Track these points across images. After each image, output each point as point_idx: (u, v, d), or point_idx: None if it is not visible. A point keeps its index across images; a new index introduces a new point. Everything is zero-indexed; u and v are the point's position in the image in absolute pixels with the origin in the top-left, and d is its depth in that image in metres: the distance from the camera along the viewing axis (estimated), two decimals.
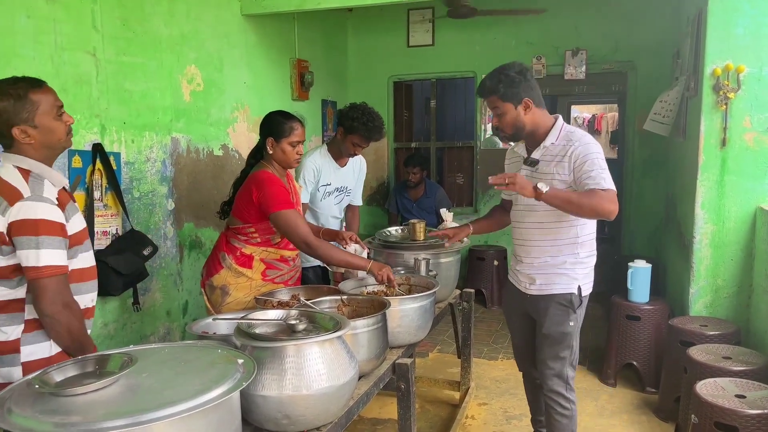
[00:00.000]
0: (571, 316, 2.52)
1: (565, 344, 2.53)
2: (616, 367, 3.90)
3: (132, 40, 3.24)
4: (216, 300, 2.71)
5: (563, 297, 2.52)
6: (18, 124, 1.77)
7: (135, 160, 3.30)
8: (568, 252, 2.51)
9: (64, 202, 1.86)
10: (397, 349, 2.42)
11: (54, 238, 1.76)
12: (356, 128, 3.33)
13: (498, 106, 2.46)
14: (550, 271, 2.54)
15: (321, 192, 3.48)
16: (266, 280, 2.71)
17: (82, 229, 1.93)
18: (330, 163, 3.50)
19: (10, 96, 1.76)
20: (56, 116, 1.84)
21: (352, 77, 6.35)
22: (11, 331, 1.82)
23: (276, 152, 2.67)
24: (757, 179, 3.45)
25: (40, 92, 1.80)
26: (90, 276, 1.98)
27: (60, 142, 1.87)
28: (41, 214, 1.74)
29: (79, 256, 1.91)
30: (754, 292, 3.45)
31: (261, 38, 4.55)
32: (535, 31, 5.60)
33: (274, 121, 2.70)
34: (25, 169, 1.81)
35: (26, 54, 2.64)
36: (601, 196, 2.26)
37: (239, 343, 1.66)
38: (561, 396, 2.57)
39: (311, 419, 1.66)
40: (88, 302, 1.98)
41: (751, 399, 2.47)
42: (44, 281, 1.75)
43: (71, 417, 1.17)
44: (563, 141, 2.46)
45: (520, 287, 2.66)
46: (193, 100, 3.76)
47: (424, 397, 3.79)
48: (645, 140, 5.46)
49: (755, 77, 3.38)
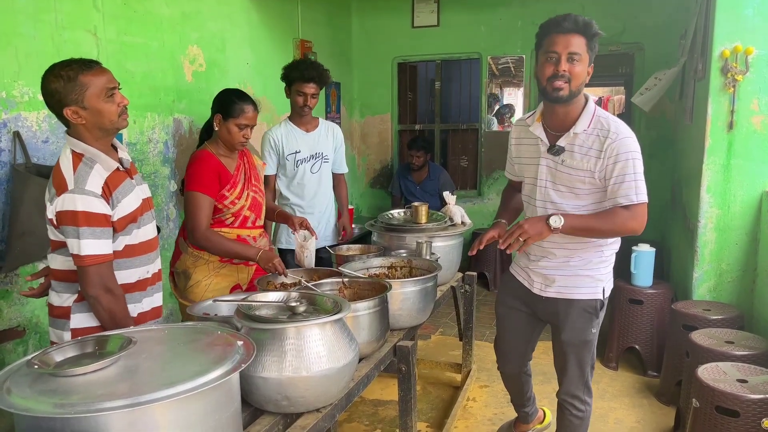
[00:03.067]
0: (594, 323, 2.33)
1: (586, 350, 2.37)
2: (618, 350, 3.90)
3: (133, 20, 3.21)
4: (181, 285, 2.70)
5: (588, 304, 2.31)
6: (69, 105, 1.83)
7: (137, 141, 3.29)
8: (594, 251, 2.28)
9: (117, 184, 1.92)
10: (399, 331, 2.42)
11: (94, 228, 1.83)
12: (291, 75, 3.32)
13: (580, 51, 2.06)
14: (572, 273, 2.30)
15: (291, 161, 3.42)
16: (224, 261, 2.66)
17: (138, 207, 1.99)
18: (293, 130, 3.45)
19: (61, 78, 1.81)
20: (106, 98, 1.87)
21: (356, 58, 6.29)
22: (65, 298, 1.96)
23: (221, 130, 2.59)
24: (763, 163, 3.42)
25: (90, 74, 1.84)
26: (141, 251, 2.04)
27: (112, 123, 1.91)
28: (81, 206, 1.81)
29: (133, 233, 1.99)
30: (759, 276, 3.43)
31: (264, 18, 4.51)
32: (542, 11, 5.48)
33: (225, 99, 2.62)
34: (79, 153, 1.88)
35: (26, 33, 2.62)
36: (625, 217, 2.08)
37: (239, 325, 1.66)
38: (578, 399, 2.44)
39: (311, 401, 1.66)
40: (144, 273, 2.07)
41: (753, 383, 2.47)
42: (86, 268, 1.85)
43: (70, 397, 1.17)
44: (596, 129, 2.15)
45: (531, 288, 2.42)
46: (195, 81, 3.73)
47: (425, 379, 3.81)
48: (651, 123, 5.41)
49: (764, 59, 3.33)
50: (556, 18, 2.10)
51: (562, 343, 2.38)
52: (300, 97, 3.35)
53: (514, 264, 2.58)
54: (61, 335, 1.98)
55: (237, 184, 2.63)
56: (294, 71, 3.32)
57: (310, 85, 3.32)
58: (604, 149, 2.11)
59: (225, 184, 2.58)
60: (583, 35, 2.07)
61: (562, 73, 2.06)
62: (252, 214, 2.70)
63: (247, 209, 2.67)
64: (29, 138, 2.62)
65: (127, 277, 2.01)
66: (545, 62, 2.11)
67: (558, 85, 2.08)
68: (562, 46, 2.06)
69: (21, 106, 2.60)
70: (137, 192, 2.02)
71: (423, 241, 2.86)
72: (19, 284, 2.61)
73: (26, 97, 2.61)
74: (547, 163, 2.25)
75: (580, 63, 2.07)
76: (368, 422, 3.30)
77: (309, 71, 3.30)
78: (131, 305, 2.04)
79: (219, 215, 2.61)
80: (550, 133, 2.25)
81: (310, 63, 3.37)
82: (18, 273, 2.61)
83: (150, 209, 2.10)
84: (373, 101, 6.40)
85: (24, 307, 2.66)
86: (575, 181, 2.19)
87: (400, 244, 3.09)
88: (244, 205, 2.65)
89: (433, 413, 3.41)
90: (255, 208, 2.72)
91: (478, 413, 3.38)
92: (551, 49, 2.09)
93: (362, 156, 6.58)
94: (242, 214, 2.66)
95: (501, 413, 3.34)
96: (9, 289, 2.59)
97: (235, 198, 2.62)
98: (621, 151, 2.10)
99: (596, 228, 2.11)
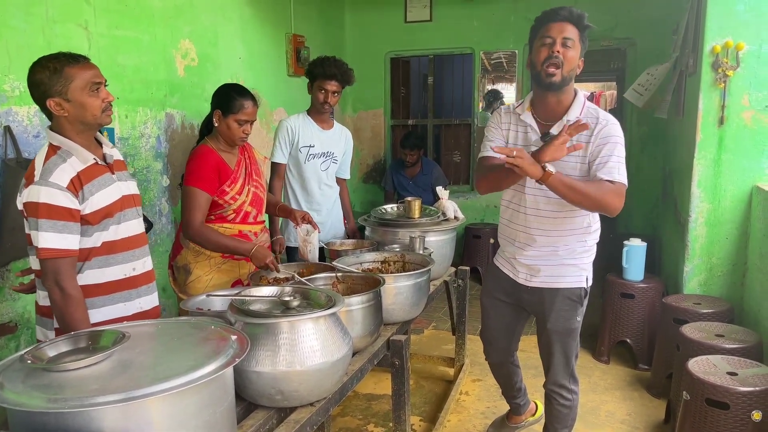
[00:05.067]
0: (578, 311, 2.40)
1: (571, 338, 2.43)
2: (609, 344, 3.93)
3: (124, 13, 3.19)
4: (181, 279, 2.70)
5: (573, 292, 2.37)
6: (53, 96, 1.83)
7: (129, 135, 3.27)
8: (578, 240, 2.34)
9: (90, 178, 1.90)
10: (392, 325, 2.43)
11: (55, 222, 1.81)
12: (314, 71, 3.29)
13: (574, 38, 2.16)
14: (557, 262, 2.36)
15: (303, 153, 3.39)
16: (225, 257, 2.66)
17: (114, 202, 1.96)
18: (311, 125, 3.41)
19: (47, 69, 1.82)
20: (90, 92, 1.87)
21: (349, 53, 6.27)
22: (45, 297, 1.92)
23: (221, 126, 2.58)
24: (753, 158, 3.44)
25: (76, 67, 1.85)
26: (123, 247, 2.01)
27: (95, 118, 1.90)
28: (44, 198, 1.80)
29: (110, 229, 1.96)
30: (748, 270, 3.46)
31: (256, 12, 4.49)
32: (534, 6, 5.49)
33: (225, 95, 2.60)
34: (56, 146, 1.88)
35: (17, 26, 2.60)
36: (609, 189, 2.10)
37: (233, 320, 1.66)
38: (565, 388, 2.50)
39: (305, 395, 1.67)
40: (129, 271, 2.04)
41: (743, 376, 2.49)
42: (43, 262, 1.83)
43: (63, 392, 1.16)
44: (587, 117, 2.22)
45: (516, 278, 2.47)
46: (187, 75, 3.72)
47: (419, 373, 3.83)
48: (643, 118, 5.43)
49: (755, 55, 3.34)
50: (553, 8, 2.20)
51: (548, 332, 2.43)
52: (321, 93, 3.31)
53: (499, 255, 2.62)
54: (46, 334, 1.97)
55: (237, 179, 2.62)
56: (317, 67, 3.29)
57: (332, 82, 3.29)
58: (595, 134, 2.19)
59: (225, 179, 2.57)
60: (576, 26, 2.17)
61: (556, 55, 2.14)
62: (253, 209, 2.70)
63: (248, 205, 2.66)
64: (20, 133, 2.60)
65: (110, 274, 1.99)
66: (540, 47, 2.20)
67: (551, 71, 2.16)
68: (557, 31, 2.16)
69: (12, 101, 2.58)
70: (116, 187, 1.99)
71: (416, 236, 2.87)
72: (11, 280, 2.60)
73: (17, 92, 2.59)
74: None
75: (573, 49, 2.17)
76: (362, 416, 3.31)
77: (331, 68, 3.27)
78: (122, 304, 2.02)
79: (220, 211, 2.61)
80: (540, 123, 2.31)
81: (333, 60, 3.32)
82: (9, 268, 2.60)
83: (134, 206, 2.08)
84: (366, 96, 6.38)
85: (16, 302, 2.64)
86: (567, 168, 2.20)
87: (394, 238, 3.09)
88: (245, 200, 2.65)
89: (426, 407, 3.43)
90: (256, 203, 2.71)
91: (471, 407, 3.40)
92: (546, 35, 2.18)
93: (355, 151, 6.54)
94: (243, 209, 2.65)
95: (494, 407, 3.36)
96: (0, 285, 2.58)
97: (236, 193, 2.61)
98: (610, 134, 2.18)
99: (582, 190, 2.07)
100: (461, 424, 3.22)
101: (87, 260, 1.93)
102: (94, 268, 1.95)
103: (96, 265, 1.95)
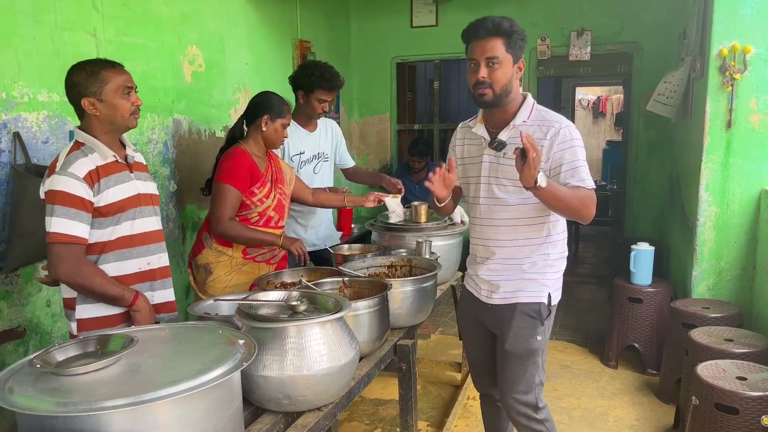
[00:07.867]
0: (538, 330, 2.17)
1: (531, 361, 2.18)
2: (617, 349, 3.91)
3: (132, 20, 3.21)
4: (200, 279, 2.78)
5: (530, 307, 2.17)
6: (87, 96, 1.98)
7: (137, 141, 3.28)
8: (538, 253, 2.17)
9: (109, 173, 2.01)
10: (399, 330, 2.43)
11: (68, 209, 1.91)
12: (316, 83, 3.25)
13: (498, 54, 2.03)
14: (517, 276, 2.19)
15: (296, 162, 3.38)
16: (247, 258, 2.76)
17: (129, 198, 2.07)
18: (298, 130, 3.39)
19: (85, 71, 1.98)
20: (122, 95, 2.01)
21: (355, 58, 6.29)
22: (68, 290, 2.05)
23: (269, 130, 2.75)
24: (761, 161, 3.43)
25: (112, 71, 2.01)
26: (139, 242, 2.12)
27: (123, 119, 2.04)
28: (60, 186, 1.91)
29: (123, 223, 2.06)
30: (758, 274, 3.44)
31: (263, 18, 4.51)
32: (540, 11, 5.51)
33: (274, 100, 2.79)
34: (81, 142, 2.02)
35: (26, 33, 2.62)
36: (586, 194, 2.02)
37: (240, 324, 1.66)
38: (531, 419, 2.23)
39: (312, 399, 1.67)
40: (144, 265, 2.14)
41: (752, 381, 2.48)
42: (50, 245, 1.92)
43: (72, 396, 1.17)
44: (537, 121, 2.11)
45: (479, 296, 2.29)
46: (194, 81, 3.74)
47: (426, 378, 3.82)
48: (650, 122, 5.42)
49: (762, 58, 3.33)
50: (472, 24, 2.11)
51: (506, 354, 2.21)
52: (320, 105, 3.31)
53: (466, 275, 2.46)
54: (71, 327, 2.08)
55: (266, 183, 2.75)
56: (319, 79, 3.25)
57: (333, 93, 3.33)
58: (549, 138, 2.07)
59: (256, 181, 2.70)
60: (499, 36, 2.05)
61: (482, 80, 2.05)
62: (276, 214, 2.80)
63: (272, 209, 2.77)
64: (29, 139, 2.62)
65: (126, 268, 2.09)
66: (468, 70, 2.13)
67: (481, 92, 2.08)
68: (479, 53, 2.07)
69: (21, 107, 2.60)
70: (133, 185, 2.10)
71: (423, 241, 2.87)
72: (20, 285, 2.61)
73: (26, 98, 2.61)
74: (489, 159, 2.19)
75: (500, 67, 2.05)
76: (369, 421, 3.31)
77: (336, 81, 3.28)
78: None
79: (245, 212, 2.70)
80: (491, 131, 2.22)
81: (335, 72, 3.31)
82: (18, 274, 2.61)
83: (152, 205, 2.20)
84: (372, 101, 6.40)
85: (24, 307, 2.66)
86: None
87: (400, 243, 3.10)
88: (270, 204, 2.76)
89: (433, 412, 3.42)
90: (279, 209, 2.82)
91: (478, 412, 3.36)
92: (471, 56, 2.11)
93: (361, 156, 6.58)
94: (267, 213, 2.75)
95: None
96: (9, 290, 2.59)
97: (263, 196, 2.73)
98: (570, 137, 2.06)
99: (566, 197, 1.97)
100: (469, 429, 3.21)
101: (103, 252, 2.04)
102: (111, 262, 2.05)
103: (113, 258, 2.06)
